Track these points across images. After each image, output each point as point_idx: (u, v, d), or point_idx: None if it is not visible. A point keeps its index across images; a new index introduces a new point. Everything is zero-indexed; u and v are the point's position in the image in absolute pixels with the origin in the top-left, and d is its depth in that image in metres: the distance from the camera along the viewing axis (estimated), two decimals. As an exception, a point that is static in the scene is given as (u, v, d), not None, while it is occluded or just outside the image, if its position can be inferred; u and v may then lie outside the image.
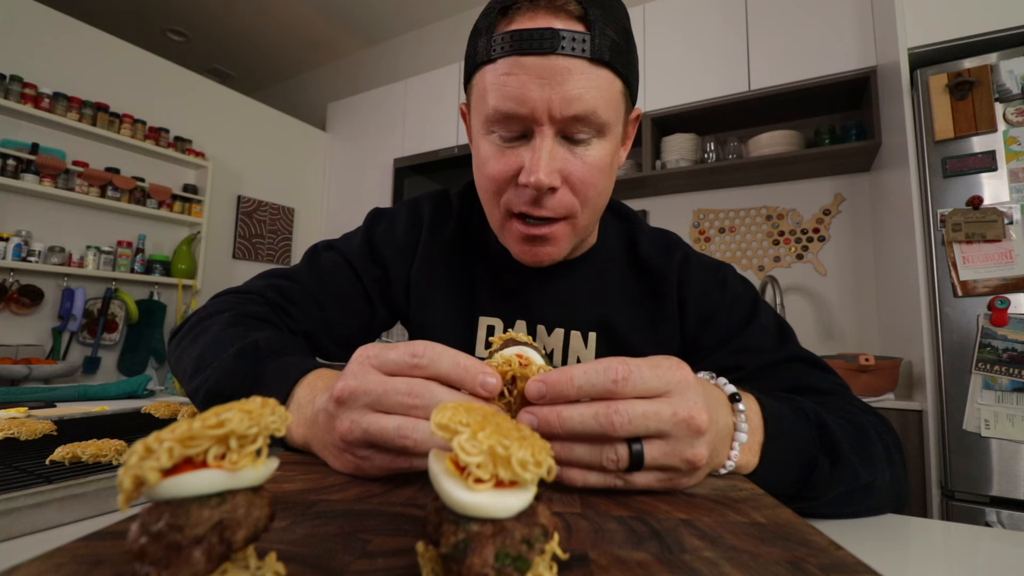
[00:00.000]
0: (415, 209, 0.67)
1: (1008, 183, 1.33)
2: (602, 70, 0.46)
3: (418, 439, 0.30)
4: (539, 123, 0.47)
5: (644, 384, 0.31)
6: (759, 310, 0.58)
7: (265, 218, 3.25)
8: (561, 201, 0.50)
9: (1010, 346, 1.27)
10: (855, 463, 0.42)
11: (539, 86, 0.45)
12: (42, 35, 2.34)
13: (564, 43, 0.45)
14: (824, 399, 0.49)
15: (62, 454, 0.41)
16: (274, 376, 0.42)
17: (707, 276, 0.60)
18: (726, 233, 2.42)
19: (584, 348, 0.59)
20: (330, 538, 0.24)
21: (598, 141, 0.49)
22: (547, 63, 0.45)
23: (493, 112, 0.48)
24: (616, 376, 0.30)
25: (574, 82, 0.45)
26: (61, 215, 2.40)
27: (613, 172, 0.54)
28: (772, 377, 0.53)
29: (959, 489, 1.31)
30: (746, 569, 0.22)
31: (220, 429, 0.17)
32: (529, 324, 0.61)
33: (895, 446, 0.47)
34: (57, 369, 1.93)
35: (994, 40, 1.45)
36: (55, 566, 0.20)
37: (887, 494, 0.44)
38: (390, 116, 3.28)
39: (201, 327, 0.52)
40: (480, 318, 0.62)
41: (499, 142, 0.50)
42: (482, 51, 0.49)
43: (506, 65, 0.46)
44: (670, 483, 0.33)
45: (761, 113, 2.24)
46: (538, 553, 0.18)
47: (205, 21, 3.75)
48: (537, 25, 0.46)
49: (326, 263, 0.63)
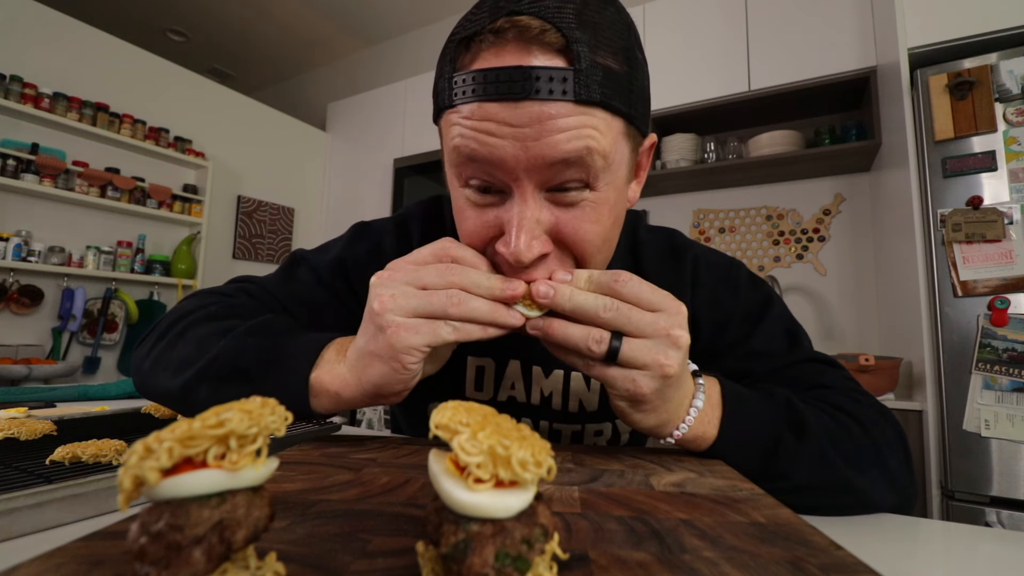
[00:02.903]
0: (402, 229, 0.61)
1: (1008, 183, 1.33)
2: (594, 111, 0.37)
3: (464, 300, 0.37)
4: (516, 180, 0.38)
5: (639, 292, 0.37)
6: (769, 314, 0.55)
7: (265, 218, 3.25)
8: (553, 264, 0.41)
9: (1010, 346, 1.28)
10: (825, 443, 0.42)
11: (511, 138, 0.36)
12: (42, 35, 2.34)
13: (540, 84, 0.35)
14: (824, 393, 0.49)
15: (62, 454, 0.41)
16: (299, 346, 0.43)
17: (719, 281, 0.57)
18: (726, 233, 2.42)
19: (587, 390, 0.54)
20: (330, 538, 0.24)
21: (594, 192, 0.40)
22: (519, 111, 0.35)
23: (459, 169, 0.40)
24: (619, 277, 0.38)
25: (555, 132, 0.36)
26: (61, 215, 2.40)
27: (621, 210, 0.44)
28: (780, 381, 0.50)
29: (959, 489, 1.31)
30: (746, 569, 0.22)
31: (220, 429, 0.17)
32: (523, 364, 0.55)
33: (894, 444, 0.45)
34: (57, 369, 1.93)
35: (994, 40, 1.45)
36: (55, 566, 0.20)
37: (875, 491, 0.42)
38: (390, 116, 3.28)
39: (184, 323, 0.49)
40: (468, 358, 0.56)
41: (474, 197, 0.41)
42: (443, 92, 0.40)
43: (469, 111, 0.37)
44: (633, 386, 0.37)
45: (761, 113, 2.24)
46: (538, 553, 0.18)
47: (205, 21, 3.75)
48: (505, 63, 0.36)
49: (300, 275, 0.59)
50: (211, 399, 0.42)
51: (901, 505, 0.43)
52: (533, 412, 0.56)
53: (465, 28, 0.38)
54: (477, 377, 0.56)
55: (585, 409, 0.56)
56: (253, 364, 0.42)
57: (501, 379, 0.56)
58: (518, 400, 0.56)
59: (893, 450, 0.45)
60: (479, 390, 0.56)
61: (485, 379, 0.56)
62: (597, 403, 0.56)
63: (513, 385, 0.56)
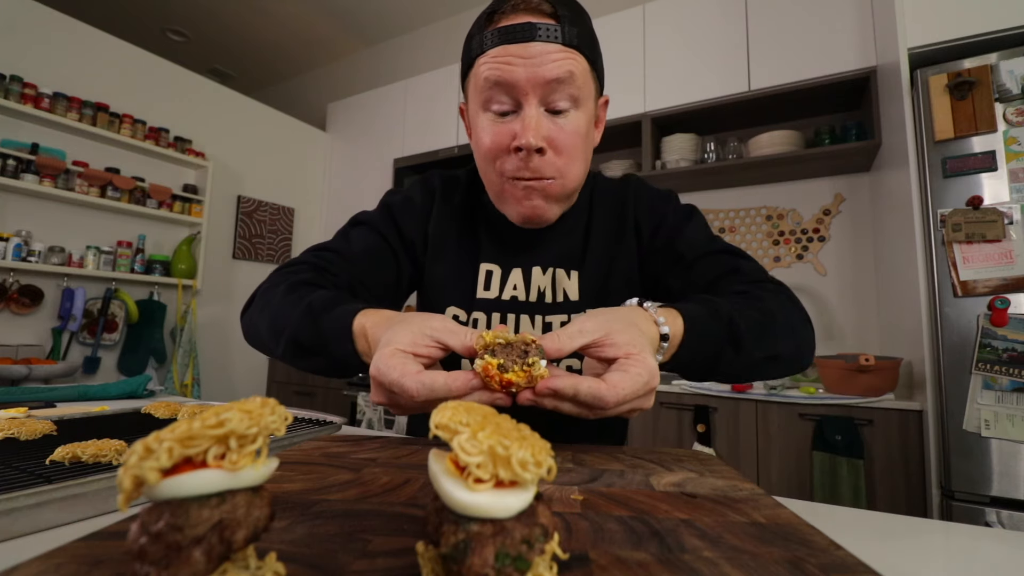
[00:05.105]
0: (427, 181, 0.77)
1: (1008, 183, 1.33)
2: (572, 52, 0.57)
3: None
4: (524, 93, 0.57)
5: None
6: (694, 218, 0.71)
7: (265, 218, 3.25)
8: (548, 162, 0.59)
9: (1010, 346, 1.27)
10: (752, 349, 0.54)
11: (523, 64, 0.56)
12: (42, 35, 2.34)
13: (540, 32, 0.56)
14: (748, 288, 0.62)
15: (62, 454, 0.41)
16: (332, 322, 0.53)
17: (654, 196, 0.74)
18: (726, 233, 2.42)
19: (568, 280, 0.72)
20: (330, 538, 0.24)
21: (575, 112, 0.59)
22: (528, 48, 0.56)
23: (487, 86, 0.58)
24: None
25: (550, 58, 0.56)
26: (61, 215, 2.40)
27: (589, 144, 0.64)
28: (707, 265, 0.66)
29: (959, 489, 1.31)
30: (746, 569, 0.22)
31: (220, 429, 0.17)
32: (524, 269, 0.71)
33: (800, 319, 0.61)
34: (57, 369, 1.93)
35: (994, 40, 1.44)
36: (55, 566, 0.20)
37: (789, 359, 0.59)
38: (390, 116, 3.28)
39: (263, 300, 0.62)
40: (481, 264, 0.72)
41: (493, 118, 0.60)
42: (476, 47, 0.60)
43: (496, 52, 0.57)
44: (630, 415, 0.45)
45: (761, 113, 2.24)
46: (538, 553, 0.18)
47: (205, 21, 3.75)
48: (518, 21, 0.57)
49: (357, 233, 0.72)
50: (295, 363, 0.58)
51: (805, 363, 0.61)
52: (531, 308, 0.70)
53: (492, 6, 0.60)
54: (486, 279, 0.71)
55: (568, 298, 0.70)
56: (309, 339, 0.55)
57: (506, 281, 0.71)
58: (519, 299, 0.70)
59: (801, 320, 0.61)
60: (487, 289, 0.70)
61: (492, 281, 0.71)
62: (577, 292, 0.70)
63: (515, 286, 0.70)
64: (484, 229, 0.73)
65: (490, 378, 0.40)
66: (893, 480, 1.47)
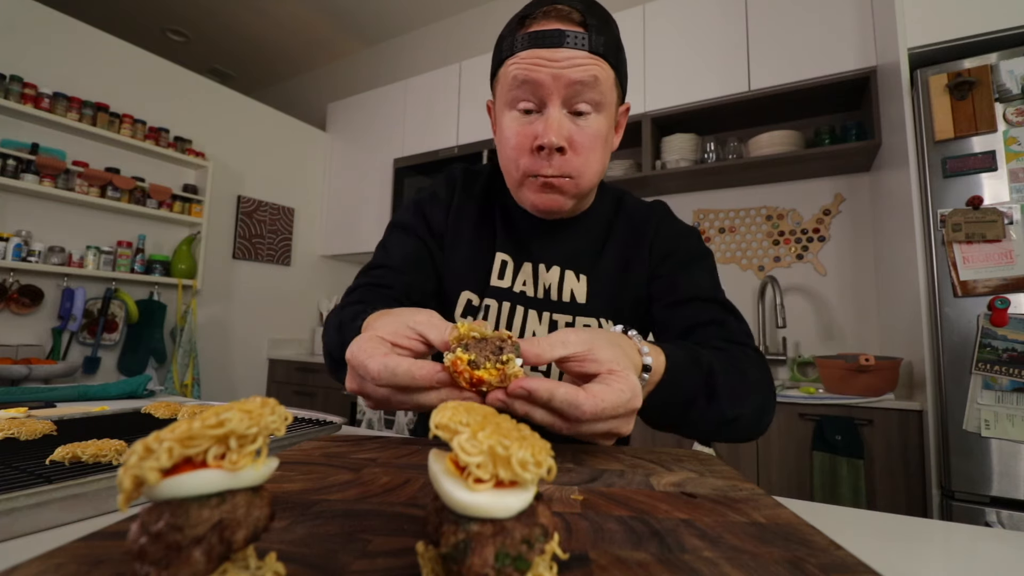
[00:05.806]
0: (450, 175, 0.81)
1: (1008, 183, 1.33)
2: (598, 59, 0.59)
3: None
4: (549, 93, 0.59)
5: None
6: (705, 263, 0.73)
7: (265, 218, 3.25)
8: (566, 161, 0.61)
9: (1010, 346, 1.27)
10: (724, 404, 0.55)
11: (548, 69, 0.59)
12: (42, 35, 2.34)
13: (568, 39, 0.58)
14: (727, 347, 0.62)
15: (62, 454, 0.41)
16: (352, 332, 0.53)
17: (678, 227, 0.76)
18: (726, 233, 2.42)
19: (577, 282, 0.73)
20: (330, 538, 0.24)
21: (596, 115, 0.61)
22: (556, 52, 0.58)
23: (515, 85, 0.60)
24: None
25: (576, 63, 0.58)
26: (61, 215, 2.40)
27: (608, 148, 0.66)
28: (697, 309, 0.67)
29: (959, 489, 1.31)
30: (746, 569, 0.22)
31: (220, 429, 0.17)
32: (533, 264, 0.73)
33: (770, 390, 0.62)
34: (57, 369, 1.93)
35: (994, 40, 1.44)
36: (55, 566, 0.20)
37: (751, 423, 0.59)
38: (390, 116, 3.28)
39: (328, 326, 0.67)
40: (497, 253, 0.74)
41: (518, 115, 0.62)
42: (507, 48, 0.62)
43: (525, 54, 0.60)
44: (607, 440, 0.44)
45: (761, 113, 2.24)
46: (538, 553, 0.18)
47: (205, 21, 3.74)
48: (548, 27, 0.59)
49: (393, 240, 0.76)
50: (336, 377, 0.62)
51: (764, 426, 0.61)
52: (538, 304, 0.71)
53: (524, 11, 0.63)
54: (501, 268, 0.73)
55: (576, 300, 0.71)
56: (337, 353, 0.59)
57: (517, 273, 0.73)
58: (528, 295, 0.71)
59: (768, 387, 0.62)
60: (501, 278, 0.72)
61: (506, 271, 0.73)
62: (585, 296, 0.71)
63: (525, 281, 0.72)
64: (501, 221, 0.76)
65: (458, 374, 0.37)
66: (893, 480, 1.47)
